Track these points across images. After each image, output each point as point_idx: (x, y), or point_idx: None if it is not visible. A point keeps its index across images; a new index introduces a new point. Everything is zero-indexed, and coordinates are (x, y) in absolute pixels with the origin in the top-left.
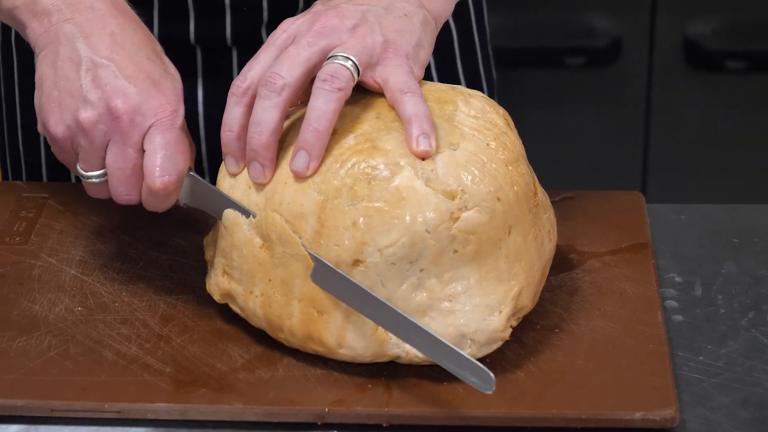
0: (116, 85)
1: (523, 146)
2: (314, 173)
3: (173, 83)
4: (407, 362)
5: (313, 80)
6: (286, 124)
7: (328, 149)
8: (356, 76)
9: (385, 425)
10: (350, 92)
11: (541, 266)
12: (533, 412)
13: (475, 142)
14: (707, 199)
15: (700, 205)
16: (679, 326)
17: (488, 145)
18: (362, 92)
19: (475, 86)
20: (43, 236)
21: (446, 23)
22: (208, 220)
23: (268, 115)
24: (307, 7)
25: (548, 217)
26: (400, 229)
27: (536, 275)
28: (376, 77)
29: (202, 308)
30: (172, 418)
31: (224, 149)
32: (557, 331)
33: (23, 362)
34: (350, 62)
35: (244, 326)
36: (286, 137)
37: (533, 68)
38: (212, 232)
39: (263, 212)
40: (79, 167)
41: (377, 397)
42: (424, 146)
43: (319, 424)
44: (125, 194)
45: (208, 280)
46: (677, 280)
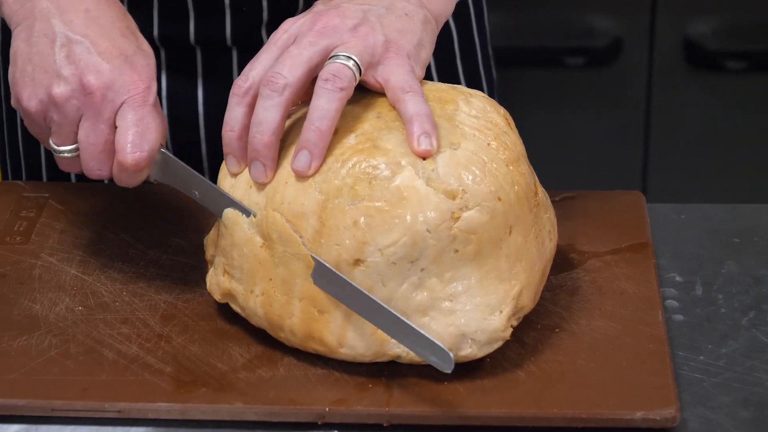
0: (90, 61)
1: (523, 146)
2: (316, 172)
3: (146, 60)
4: (408, 362)
5: (314, 80)
6: (287, 123)
7: (329, 149)
8: (358, 75)
9: (385, 425)
10: (352, 92)
11: (541, 266)
12: (534, 411)
13: (475, 141)
14: (708, 198)
15: (700, 204)
16: (679, 326)
17: (489, 144)
18: (363, 92)
19: (475, 86)
20: (43, 236)
21: (446, 23)
22: (208, 219)
23: (269, 114)
24: (307, 7)
25: (549, 216)
26: (400, 228)
27: (537, 275)
28: (377, 77)
29: (202, 308)
30: (172, 417)
31: (225, 149)
32: (558, 330)
33: (24, 362)
34: (352, 62)
35: (244, 326)
36: (287, 137)
37: (533, 68)
38: (213, 231)
39: (264, 211)
40: (51, 142)
41: (378, 396)
42: (425, 146)
43: (319, 423)
44: (96, 169)
45: (208, 279)
46: (678, 279)
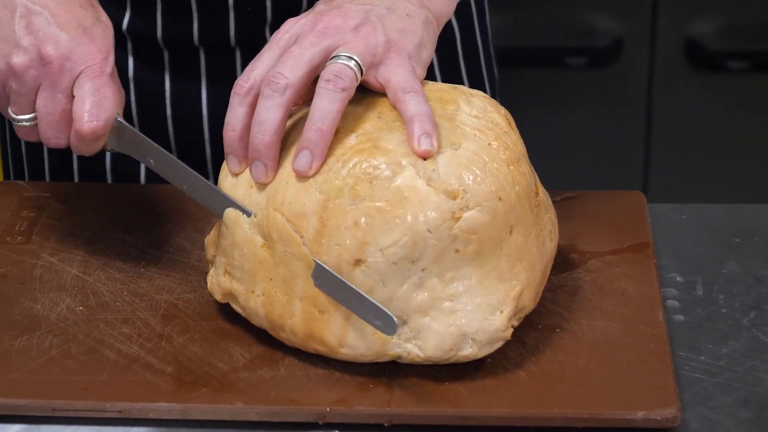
0: (48, 32)
1: (524, 146)
2: (317, 173)
3: (104, 31)
4: (409, 362)
5: (315, 80)
6: (288, 123)
7: (330, 149)
8: (359, 76)
9: (386, 425)
10: (353, 92)
11: (542, 266)
12: (534, 411)
13: (476, 141)
14: (708, 198)
15: (701, 204)
16: (680, 326)
17: (490, 144)
18: (364, 92)
19: (477, 85)
20: (44, 236)
21: (449, 22)
22: (209, 219)
23: (271, 114)
24: (310, 7)
25: (549, 216)
26: (401, 228)
27: (537, 275)
28: (378, 77)
29: (203, 308)
30: (173, 417)
31: (227, 149)
32: (558, 330)
33: (25, 362)
34: (353, 62)
35: (245, 326)
36: (288, 137)
37: (534, 68)
38: (213, 231)
39: (265, 211)
40: (10, 110)
41: (379, 396)
42: (425, 146)
43: (320, 423)
44: (54, 138)
45: (209, 279)
46: (678, 279)
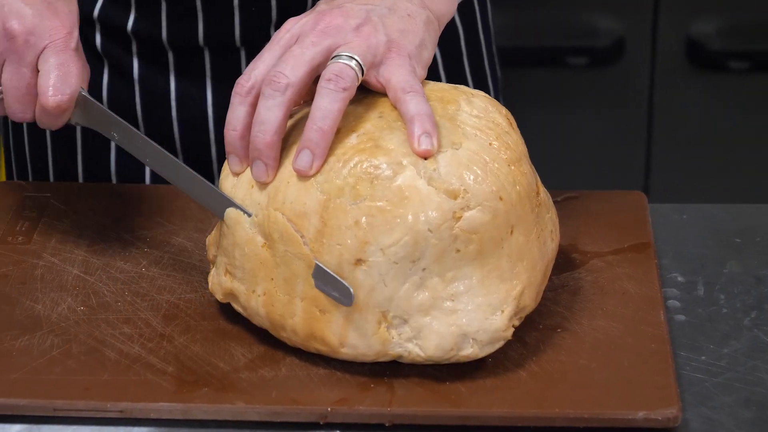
0: (13, 6)
1: (525, 146)
2: (317, 172)
3: (69, 6)
4: (410, 362)
5: (316, 79)
6: (289, 123)
7: (330, 148)
8: (360, 75)
9: (387, 425)
10: (354, 92)
11: (543, 266)
12: (535, 411)
13: (477, 141)
14: (709, 198)
15: (702, 204)
16: (681, 326)
17: (491, 144)
18: (365, 91)
19: (481, 84)
20: (45, 236)
21: (452, 21)
22: (210, 219)
23: (271, 114)
24: (315, 5)
25: (550, 216)
26: (402, 228)
27: (538, 275)
28: (378, 77)
29: (204, 307)
30: (174, 417)
31: (228, 148)
32: (559, 330)
33: (25, 361)
34: (354, 62)
35: (246, 325)
36: (289, 136)
37: (536, 68)
38: (215, 231)
39: (266, 211)
40: None
41: (380, 396)
42: (425, 145)
43: (321, 423)
44: (20, 112)
45: (210, 279)
46: (679, 279)
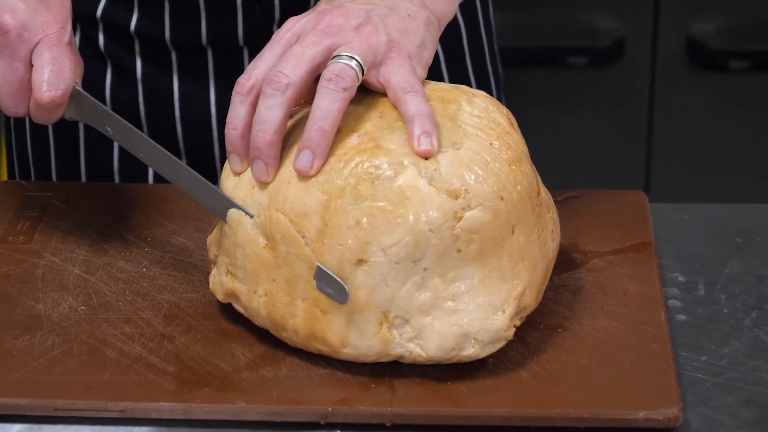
0: (6, 1)
1: (526, 146)
2: (318, 172)
3: (61, 1)
4: (411, 362)
5: (317, 78)
6: (290, 123)
7: (331, 148)
8: (361, 75)
9: (388, 425)
10: (355, 92)
11: (544, 265)
12: (536, 411)
13: (478, 141)
14: (710, 198)
15: (703, 204)
16: (682, 326)
17: (491, 144)
18: (365, 91)
19: (483, 83)
20: (46, 235)
21: (455, 20)
22: (211, 219)
23: (272, 113)
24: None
25: (551, 216)
26: (403, 228)
27: (539, 274)
28: (379, 77)
29: (205, 307)
30: (175, 417)
31: (228, 147)
32: (560, 330)
33: (26, 361)
34: (355, 62)
35: (247, 325)
36: (290, 136)
37: (536, 68)
38: (215, 231)
39: (267, 211)
40: None
41: (380, 396)
42: (425, 145)
43: (322, 423)
44: (14, 107)
45: (211, 279)
46: (680, 279)
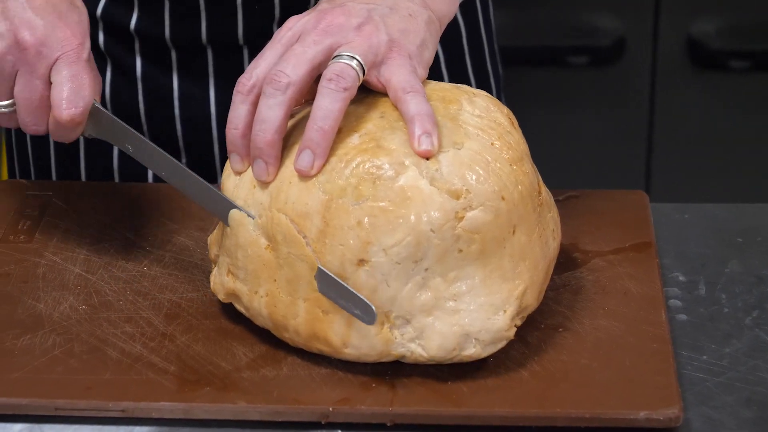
0: (24, 17)
1: (527, 145)
2: (318, 172)
3: (80, 16)
4: (412, 361)
5: (318, 78)
6: (290, 123)
7: (332, 148)
8: (361, 75)
9: (389, 424)
10: (355, 92)
11: (545, 265)
12: (537, 411)
13: (479, 141)
14: (711, 198)
15: (703, 204)
16: (682, 325)
17: (493, 144)
18: (366, 91)
19: (483, 83)
20: (47, 235)
21: (454, 20)
22: (212, 218)
23: (272, 113)
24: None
25: (552, 216)
26: (405, 228)
27: (540, 274)
28: (379, 77)
29: (206, 307)
30: (176, 417)
31: (229, 147)
32: (561, 330)
33: (27, 360)
34: (355, 62)
35: (248, 325)
36: (290, 136)
37: (537, 67)
38: (216, 230)
39: (269, 212)
40: None
41: (381, 396)
42: (425, 145)
43: (323, 423)
44: (33, 124)
45: (212, 279)
46: (681, 279)
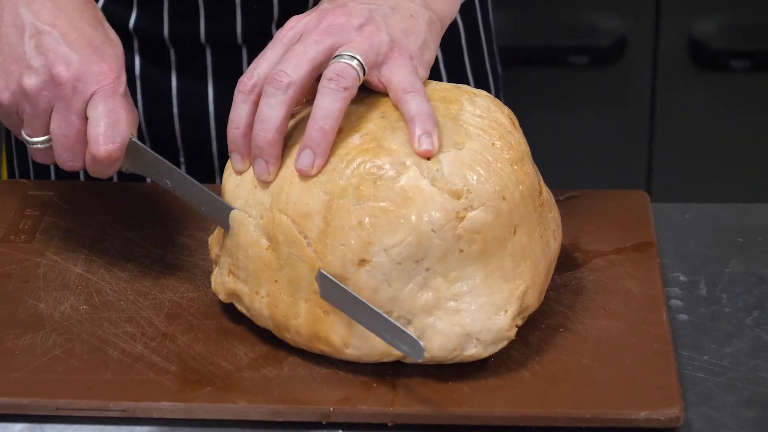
0: (59, 52)
1: (528, 145)
2: (319, 172)
3: (114, 50)
4: (413, 362)
5: (319, 78)
6: (291, 123)
7: (333, 148)
8: (362, 75)
9: (389, 424)
10: (356, 92)
11: (546, 265)
12: (538, 411)
13: (480, 141)
14: (711, 198)
15: (704, 204)
16: (683, 325)
17: (493, 144)
18: (367, 91)
19: (482, 82)
20: (48, 234)
21: (454, 20)
22: None
23: (273, 112)
24: (316, 4)
25: (553, 216)
26: (406, 228)
27: (541, 274)
28: (380, 77)
29: (207, 306)
30: (177, 417)
31: (230, 146)
32: (562, 330)
33: (28, 360)
34: (356, 61)
35: (249, 325)
36: (291, 136)
37: (537, 67)
38: (217, 230)
39: (270, 212)
40: (24, 133)
41: (382, 396)
42: (426, 145)
43: (324, 423)
44: (69, 161)
45: (213, 279)
46: (682, 279)
